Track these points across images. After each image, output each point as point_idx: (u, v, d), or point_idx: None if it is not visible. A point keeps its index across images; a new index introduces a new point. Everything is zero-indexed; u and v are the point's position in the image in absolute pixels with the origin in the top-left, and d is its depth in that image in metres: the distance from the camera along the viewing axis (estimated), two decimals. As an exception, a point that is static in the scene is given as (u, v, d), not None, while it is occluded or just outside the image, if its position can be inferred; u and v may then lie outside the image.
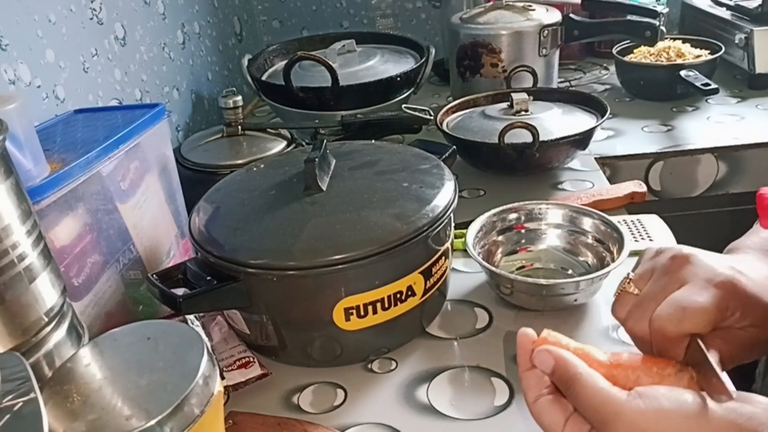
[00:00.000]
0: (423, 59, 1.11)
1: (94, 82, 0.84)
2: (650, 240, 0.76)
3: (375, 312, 0.59)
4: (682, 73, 1.13)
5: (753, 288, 0.44)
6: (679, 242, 0.74)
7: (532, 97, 0.98)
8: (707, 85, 1.08)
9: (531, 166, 0.92)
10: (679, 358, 0.42)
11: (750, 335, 0.44)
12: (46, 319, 0.45)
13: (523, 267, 0.74)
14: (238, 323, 0.63)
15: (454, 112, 1.04)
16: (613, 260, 0.67)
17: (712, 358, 0.40)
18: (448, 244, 0.65)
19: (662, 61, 1.18)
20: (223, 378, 0.59)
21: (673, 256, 0.47)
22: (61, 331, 0.47)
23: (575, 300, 0.66)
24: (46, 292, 0.45)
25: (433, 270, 0.62)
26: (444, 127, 0.98)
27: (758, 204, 0.49)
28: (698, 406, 0.36)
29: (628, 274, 0.49)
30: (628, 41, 1.27)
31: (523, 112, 0.95)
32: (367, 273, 0.58)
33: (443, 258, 0.64)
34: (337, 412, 0.58)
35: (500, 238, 0.75)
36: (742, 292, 0.43)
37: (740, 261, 0.48)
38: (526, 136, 0.86)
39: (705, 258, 0.46)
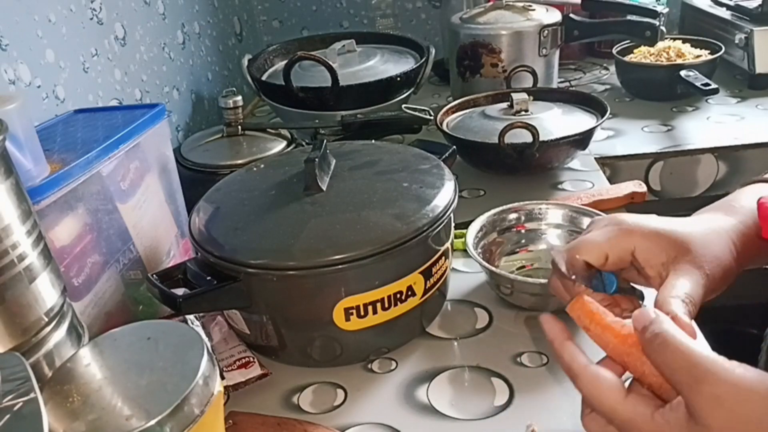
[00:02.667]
0: (423, 59, 1.11)
1: (94, 82, 0.84)
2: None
3: (375, 312, 0.59)
4: (682, 73, 1.13)
5: (654, 224, 0.48)
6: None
7: (532, 97, 0.98)
8: (707, 85, 1.08)
9: (531, 166, 0.92)
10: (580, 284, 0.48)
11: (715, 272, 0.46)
12: (46, 319, 0.45)
13: (523, 267, 0.74)
14: (238, 323, 0.63)
15: (454, 112, 1.04)
16: (613, 260, 0.67)
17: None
18: (448, 244, 0.65)
19: (662, 61, 1.18)
20: (223, 378, 0.59)
21: (592, 221, 0.53)
22: (61, 331, 0.47)
23: (575, 300, 0.66)
24: (46, 292, 0.45)
25: (433, 270, 0.62)
26: (444, 127, 0.98)
27: (759, 214, 0.49)
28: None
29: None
30: (628, 41, 1.27)
31: (523, 112, 0.95)
32: (367, 273, 0.58)
33: (443, 258, 0.64)
34: (337, 412, 0.58)
35: (500, 238, 0.75)
36: (635, 227, 0.48)
37: (674, 219, 0.51)
38: (526, 136, 0.86)
39: (619, 215, 0.51)
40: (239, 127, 0.92)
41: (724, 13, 1.29)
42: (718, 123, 1.10)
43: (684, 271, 0.45)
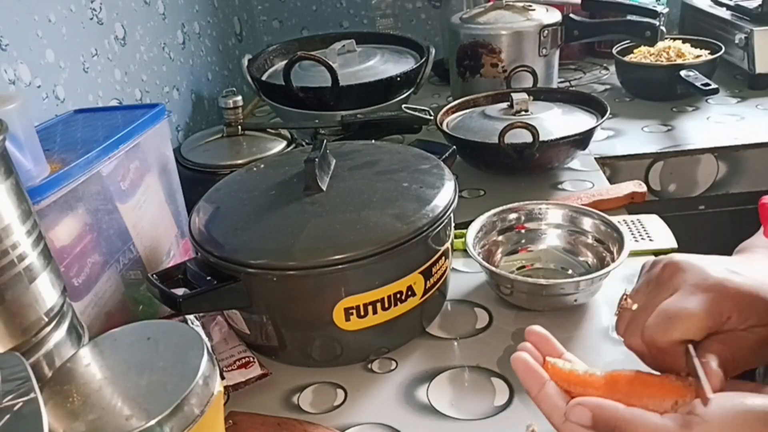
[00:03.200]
0: (423, 59, 1.11)
1: (94, 82, 0.84)
2: (650, 240, 0.76)
3: (375, 312, 0.59)
4: (682, 73, 1.13)
5: (749, 286, 0.42)
6: (679, 242, 0.74)
7: (532, 97, 0.98)
8: (707, 85, 1.08)
9: (531, 166, 0.92)
10: (676, 367, 0.42)
11: (756, 336, 0.42)
12: (46, 319, 0.45)
13: (523, 267, 0.74)
14: (238, 323, 0.63)
15: (454, 112, 1.04)
16: (613, 260, 0.67)
17: (713, 361, 0.40)
18: (448, 244, 0.65)
19: (662, 61, 1.18)
20: (223, 378, 0.59)
21: (664, 265, 0.46)
22: (61, 331, 0.47)
23: (575, 300, 0.66)
24: (46, 292, 0.45)
25: (433, 270, 0.62)
26: (444, 127, 0.98)
27: (761, 213, 0.49)
28: (761, 407, 0.35)
29: (625, 290, 0.48)
30: (628, 41, 1.27)
31: (523, 112, 0.95)
32: (367, 273, 0.58)
33: (443, 258, 0.64)
34: (337, 412, 0.58)
35: (500, 238, 0.75)
36: (735, 292, 0.42)
37: (741, 261, 0.47)
38: (526, 136, 0.86)
39: (697, 262, 0.45)
40: (239, 127, 0.92)
41: (724, 13, 1.29)
42: (718, 123, 1.10)
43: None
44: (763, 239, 0.52)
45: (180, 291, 0.59)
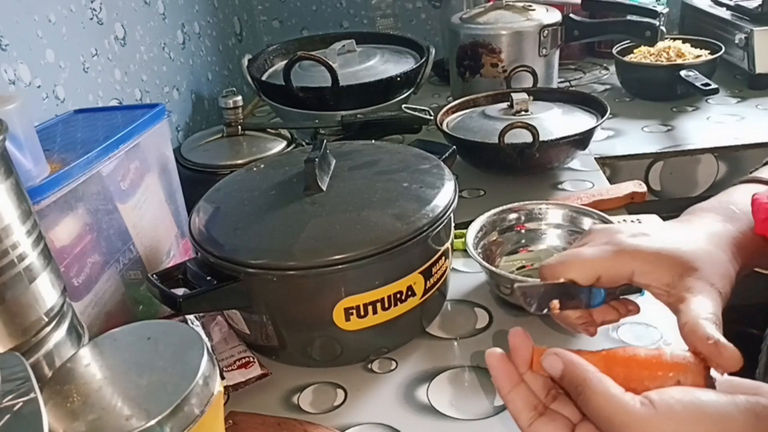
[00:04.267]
0: (423, 59, 1.11)
1: (94, 82, 0.84)
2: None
3: (375, 312, 0.59)
4: (682, 73, 1.13)
5: (649, 246, 0.45)
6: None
7: (532, 97, 0.98)
8: (707, 85, 1.08)
9: (531, 166, 0.92)
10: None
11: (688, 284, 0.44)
12: (46, 319, 0.45)
13: (523, 267, 0.74)
14: (238, 323, 0.63)
15: (454, 112, 1.04)
16: (613, 260, 0.67)
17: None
18: (448, 244, 0.65)
19: (662, 61, 1.18)
20: (223, 378, 0.59)
21: (586, 233, 0.51)
22: (61, 331, 0.47)
23: (575, 300, 0.66)
24: (46, 292, 0.45)
25: (433, 270, 0.62)
26: (444, 127, 0.98)
27: (753, 209, 0.49)
28: (713, 407, 0.35)
29: None
30: (628, 41, 1.27)
31: (523, 112, 0.95)
32: (367, 273, 0.58)
33: (443, 258, 0.64)
34: (337, 412, 0.58)
35: (500, 238, 0.75)
36: (632, 250, 0.45)
37: (665, 225, 0.50)
38: (526, 136, 0.86)
39: (614, 227, 0.49)
40: (239, 127, 0.92)
41: (724, 13, 1.29)
42: (718, 123, 1.10)
43: (699, 290, 0.43)
44: (712, 202, 0.53)
45: (180, 291, 0.59)
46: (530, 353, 0.41)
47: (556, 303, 0.46)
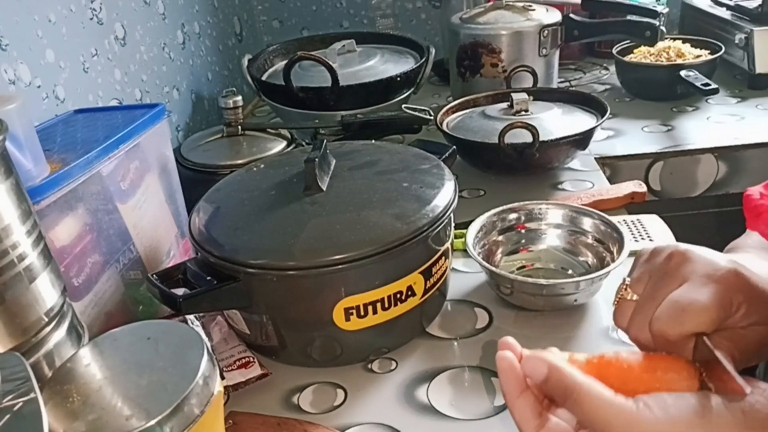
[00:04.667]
0: (423, 59, 1.11)
1: (94, 82, 0.84)
2: (650, 240, 0.76)
3: (375, 312, 0.59)
4: (682, 73, 1.13)
5: (757, 281, 0.41)
6: (679, 242, 0.74)
7: (532, 97, 0.98)
8: (707, 85, 1.08)
9: (531, 166, 0.92)
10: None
11: (757, 333, 0.41)
12: (46, 319, 0.45)
13: (523, 267, 0.74)
14: (238, 323, 0.63)
15: (454, 112, 1.04)
16: (613, 260, 0.67)
17: (722, 356, 0.38)
18: (448, 244, 0.65)
19: (662, 61, 1.18)
20: (223, 378, 0.59)
21: (669, 254, 0.44)
22: (61, 331, 0.47)
23: (575, 300, 0.66)
24: (46, 292, 0.45)
25: (433, 270, 0.62)
26: (444, 127, 0.98)
27: (745, 205, 0.49)
28: (704, 408, 0.35)
29: (624, 279, 0.46)
30: (628, 41, 1.27)
31: (523, 112, 0.95)
32: (367, 273, 0.58)
33: (443, 258, 0.64)
34: (337, 412, 0.58)
35: (500, 238, 0.75)
36: (746, 285, 0.41)
37: (741, 257, 0.46)
38: (526, 136, 0.86)
39: (704, 253, 0.43)
40: (239, 127, 0.92)
41: (724, 13, 1.29)
42: (718, 123, 1.10)
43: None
44: (751, 239, 0.52)
45: (180, 291, 0.59)
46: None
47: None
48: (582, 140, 0.91)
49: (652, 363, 0.40)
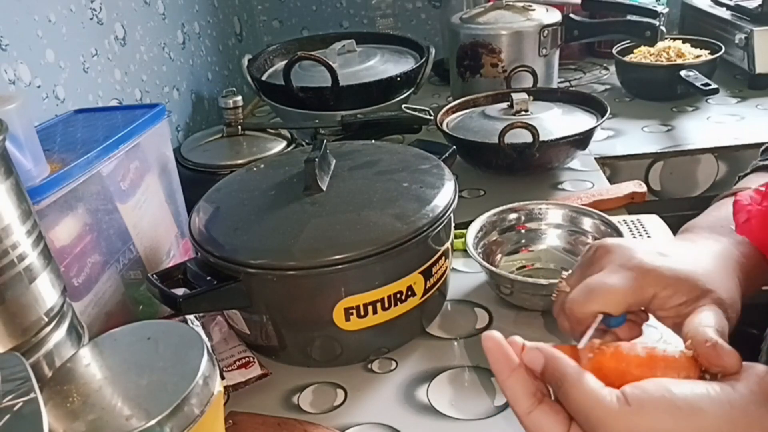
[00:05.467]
0: (423, 59, 1.11)
1: (94, 82, 0.84)
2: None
3: (375, 312, 0.59)
4: (682, 73, 1.13)
5: (670, 267, 0.44)
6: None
7: (532, 97, 0.98)
8: (707, 85, 1.08)
9: (531, 166, 0.92)
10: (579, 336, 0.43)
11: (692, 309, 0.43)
12: (46, 319, 0.45)
13: (523, 267, 0.74)
14: (238, 323, 0.63)
15: (454, 112, 1.04)
16: (613, 260, 0.67)
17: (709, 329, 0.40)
18: (448, 244, 0.65)
19: (662, 61, 1.18)
20: (223, 378, 0.59)
21: (596, 248, 0.48)
22: (61, 331, 0.47)
23: (575, 300, 0.66)
24: (46, 292, 0.45)
25: (433, 270, 0.62)
26: (444, 127, 0.98)
27: (734, 210, 0.49)
28: (684, 400, 0.35)
29: (562, 273, 0.50)
30: (628, 41, 1.27)
31: (523, 112, 0.95)
32: (367, 273, 0.58)
33: (443, 258, 0.64)
34: (337, 412, 0.58)
35: (500, 238, 0.75)
36: (656, 273, 0.44)
37: (675, 243, 0.49)
38: (526, 136, 0.86)
39: (625, 244, 0.47)
40: (239, 127, 0.92)
41: (724, 13, 1.29)
42: (718, 123, 1.10)
43: (708, 309, 0.42)
44: (707, 219, 0.53)
45: (180, 291, 0.59)
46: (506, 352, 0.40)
47: (596, 342, 0.43)
48: (582, 140, 0.91)
49: (653, 360, 0.40)
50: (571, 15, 1.17)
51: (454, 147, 0.81)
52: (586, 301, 0.44)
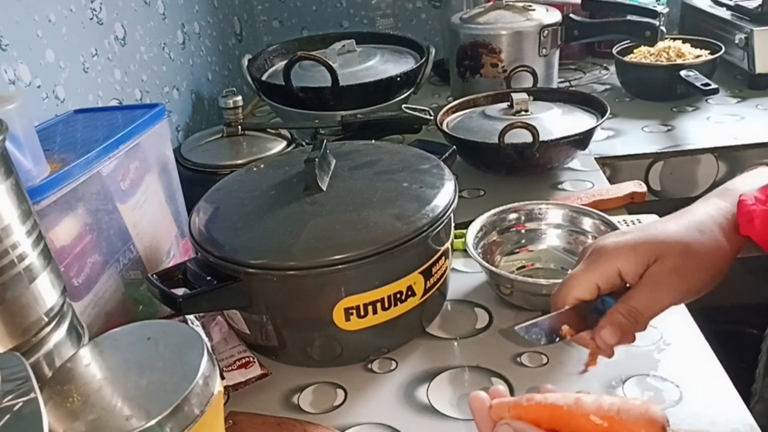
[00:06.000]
0: (423, 59, 1.11)
1: (94, 82, 0.84)
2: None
3: (375, 312, 0.59)
4: (682, 73, 1.13)
5: (627, 240, 0.49)
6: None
7: (532, 97, 0.98)
8: (707, 85, 1.08)
9: (531, 166, 0.92)
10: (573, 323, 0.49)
11: (661, 269, 0.48)
12: (46, 319, 0.45)
13: (523, 267, 0.74)
14: (238, 323, 0.63)
15: (454, 112, 1.04)
16: (613, 260, 0.67)
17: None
18: (448, 244, 0.65)
19: (662, 61, 1.18)
20: (223, 378, 0.59)
21: (584, 249, 0.53)
22: (61, 331, 0.47)
23: (575, 300, 0.66)
24: (46, 292, 0.45)
25: (433, 270, 0.62)
26: (444, 127, 0.98)
27: (738, 210, 0.50)
28: None
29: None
30: (628, 41, 1.27)
31: (523, 112, 0.95)
32: (367, 273, 0.58)
33: (443, 258, 0.64)
34: (337, 412, 0.58)
35: (500, 238, 0.75)
36: (612, 250, 0.49)
37: (655, 219, 0.53)
38: (526, 136, 0.86)
39: (603, 237, 0.52)
40: (239, 127, 0.92)
41: (724, 13, 1.29)
42: (718, 123, 1.10)
43: (645, 283, 0.47)
44: (740, 182, 0.55)
45: (180, 291, 0.59)
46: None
47: (566, 328, 0.49)
48: (582, 140, 0.91)
49: (617, 413, 0.40)
50: (571, 15, 1.17)
51: (454, 147, 0.81)
52: (560, 292, 0.51)
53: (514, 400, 0.43)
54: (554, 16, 1.14)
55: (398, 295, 0.60)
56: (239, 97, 0.91)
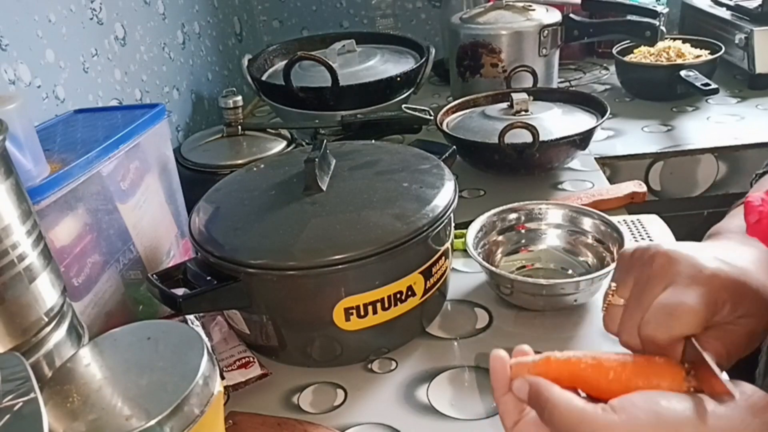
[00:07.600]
0: (423, 59, 1.11)
1: (94, 82, 0.84)
2: (650, 240, 0.76)
3: (375, 312, 0.59)
4: (682, 73, 1.13)
5: (739, 276, 0.41)
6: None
7: (532, 97, 0.98)
8: (707, 85, 1.08)
9: (531, 166, 0.92)
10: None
11: (744, 327, 0.41)
12: (46, 319, 0.45)
13: (523, 267, 0.74)
14: (238, 323, 0.63)
15: (454, 112, 1.04)
16: (613, 260, 0.67)
17: (709, 358, 0.38)
18: (448, 244, 0.65)
19: (662, 61, 1.18)
20: (223, 378, 0.59)
21: (652, 255, 0.44)
22: (61, 331, 0.47)
23: (575, 300, 0.66)
24: (46, 292, 0.45)
25: (433, 270, 0.62)
26: (444, 127, 0.98)
27: (745, 212, 0.49)
28: (670, 413, 0.36)
29: (611, 285, 0.46)
30: (628, 41, 1.27)
31: (523, 112, 0.95)
32: (367, 273, 0.58)
33: (443, 258, 0.64)
34: (337, 412, 0.58)
35: (500, 238, 0.75)
36: (729, 283, 0.41)
37: (723, 248, 0.47)
38: (526, 136, 0.86)
39: (687, 252, 0.43)
40: (239, 127, 0.92)
41: (724, 13, 1.29)
42: (718, 123, 1.10)
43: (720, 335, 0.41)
44: (733, 223, 0.53)
45: (180, 291, 0.59)
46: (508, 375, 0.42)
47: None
48: (582, 140, 0.91)
49: (638, 368, 0.40)
50: (571, 15, 1.17)
51: (454, 147, 0.81)
52: (668, 326, 0.40)
53: (534, 360, 0.41)
54: (554, 16, 1.14)
55: (398, 295, 0.60)
56: (239, 97, 0.91)
